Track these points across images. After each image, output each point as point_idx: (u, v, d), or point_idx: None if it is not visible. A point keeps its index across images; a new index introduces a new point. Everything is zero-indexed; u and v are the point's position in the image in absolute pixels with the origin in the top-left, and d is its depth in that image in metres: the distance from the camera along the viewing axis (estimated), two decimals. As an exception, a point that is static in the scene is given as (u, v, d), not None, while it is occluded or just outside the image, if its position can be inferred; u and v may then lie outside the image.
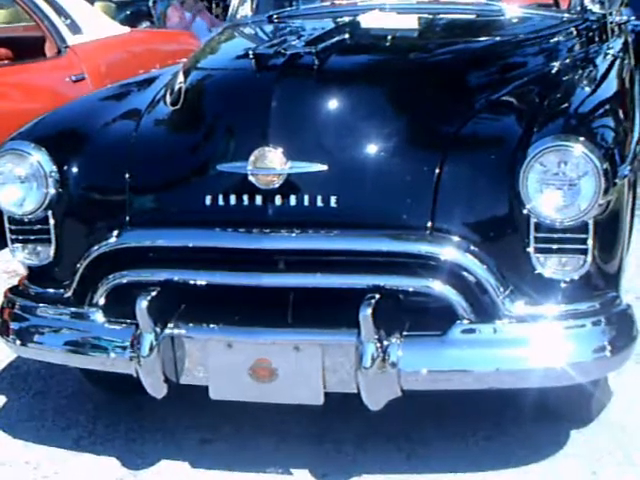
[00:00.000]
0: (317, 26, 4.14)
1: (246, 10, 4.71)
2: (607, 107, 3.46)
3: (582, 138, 2.92)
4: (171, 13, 9.92)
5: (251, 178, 3.07)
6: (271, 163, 3.05)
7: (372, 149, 3.13)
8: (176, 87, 3.62)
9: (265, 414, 3.53)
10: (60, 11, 6.64)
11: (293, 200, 3.06)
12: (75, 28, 6.67)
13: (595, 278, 3.06)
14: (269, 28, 4.37)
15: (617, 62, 4.19)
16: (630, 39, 5.59)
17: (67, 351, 3.37)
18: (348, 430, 3.54)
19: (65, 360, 3.47)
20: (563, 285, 3.02)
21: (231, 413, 3.52)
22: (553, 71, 3.79)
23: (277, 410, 3.40)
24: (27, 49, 6.77)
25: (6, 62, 6.79)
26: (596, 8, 4.36)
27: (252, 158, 3.05)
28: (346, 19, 4.09)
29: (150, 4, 10.97)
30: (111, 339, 3.26)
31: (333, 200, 3.05)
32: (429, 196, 3.02)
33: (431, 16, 4.31)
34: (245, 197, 3.09)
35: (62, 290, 3.38)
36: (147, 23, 12.15)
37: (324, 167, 3.07)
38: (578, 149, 2.88)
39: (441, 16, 4.30)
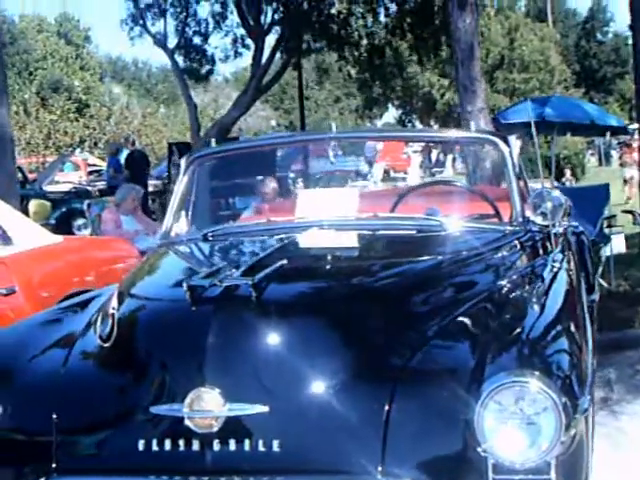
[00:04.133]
0: (254, 247, 4.04)
1: (181, 226, 4.59)
2: (559, 328, 3.36)
3: (537, 372, 2.78)
4: (106, 217, 9.79)
5: (187, 422, 2.88)
6: (208, 405, 2.87)
7: (316, 387, 2.96)
8: (108, 316, 3.47)
9: None
10: (-9, 222, 6.49)
11: (233, 445, 2.87)
12: (5, 239, 6.50)
13: None
14: (205, 248, 4.24)
15: (563, 274, 4.12)
16: (572, 240, 5.64)
17: None
18: None
19: None
20: None
21: None
22: (500, 290, 3.70)
23: None
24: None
25: None
26: (539, 220, 4.27)
27: (188, 400, 2.88)
28: (285, 239, 3.97)
29: (84, 207, 10.88)
30: None
31: (276, 444, 2.86)
32: (378, 436, 2.83)
33: (371, 233, 4.22)
34: (181, 442, 2.89)
35: None
36: (83, 220, 12.10)
37: (265, 408, 2.89)
38: (534, 385, 2.74)
39: (381, 232, 4.21)
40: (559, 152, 31.75)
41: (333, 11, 19.66)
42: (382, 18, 22.23)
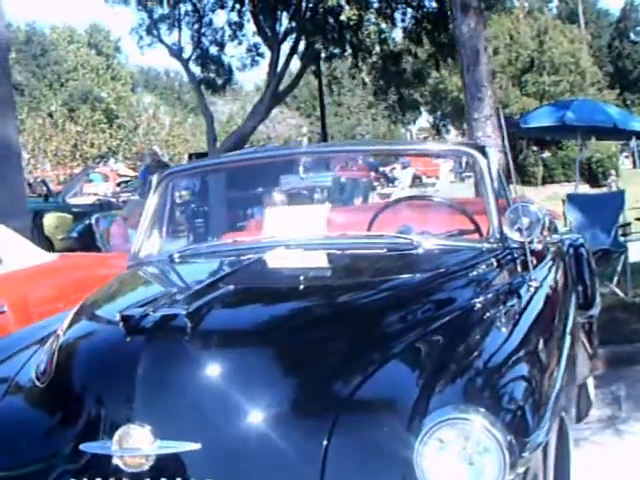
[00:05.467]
0: (213, 270, 3.90)
1: (152, 245, 4.46)
2: (523, 352, 3.18)
3: (483, 409, 2.60)
4: (114, 231, 9.73)
5: (116, 460, 2.74)
6: (137, 443, 2.73)
7: (252, 422, 2.80)
8: (49, 346, 3.34)
9: None
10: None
11: None
12: (-5, 260, 6.43)
13: None
14: (167, 271, 4.11)
15: (542, 292, 3.94)
16: (567, 254, 5.43)
17: None
18: None
19: None
20: None
21: None
22: (467, 313, 3.52)
23: None
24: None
25: None
26: (516, 236, 4.04)
27: (116, 437, 2.74)
28: (245, 260, 3.84)
29: (92, 222, 10.81)
30: None
31: None
32: (316, 475, 2.66)
33: (338, 252, 4.06)
34: None
35: None
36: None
37: (197, 446, 2.73)
38: (478, 422, 2.56)
39: (349, 252, 4.06)
40: (591, 155, 31.44)
41: (343, 17, 19.44)
42: (397, 23, 22.11)
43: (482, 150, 4.38)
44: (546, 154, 34.41)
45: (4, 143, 10.44)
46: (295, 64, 23.43)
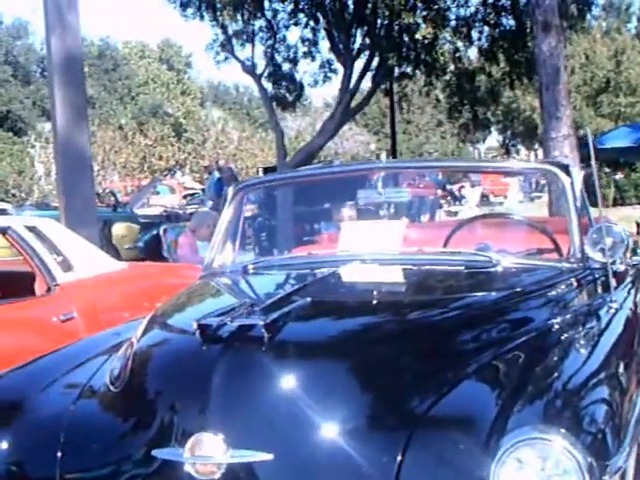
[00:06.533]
0: (289, 281, 3.87)
1: (226, 257, 4.45)
2: (603, 375, 3.09)
3: (564, 430, 2.53)
4: (182, 241, 9.77)
5: (188, 467, 2.73)
6: (210, 451, 2.71)
7: (326, 434, 2.77)
8: (122, 352, 3.34)
9: None
10: (52, 248, 6.46)
11: None
12: (66, 265, 6.47)
13: None
14: (241, 282, 4.10)
15: (622, 315, 3.83)
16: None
17: None
18: None
19: None
20: None
21: None
22: (546, 333, 3.44)
23: None
24: (16, 286, 6.55)
25: (-5, 301, 6.55)
26: (598, 256, 3.94)
27: (189, 445, 2.72)
28: (320, 274, 3.80)
29: (160, 232, 10.88)
30: None
31: None
32: None
33: (414, 268, 3.99)
34: None
35: None
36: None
37: (269, 456, 2.71)
38: (558, 443, 2.49)
39: (425, 268, 3.99)
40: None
41: (419, 36, 19.34)
42: (473, 42, 21.94)
43: (566, 169, 4.29)
44: (618, 176, 33.88)
45: (78, 153, 10.57)
46: (366, 82, 23.45)
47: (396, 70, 21.96)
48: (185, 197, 29.55)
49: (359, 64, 22.23)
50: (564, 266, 3.99)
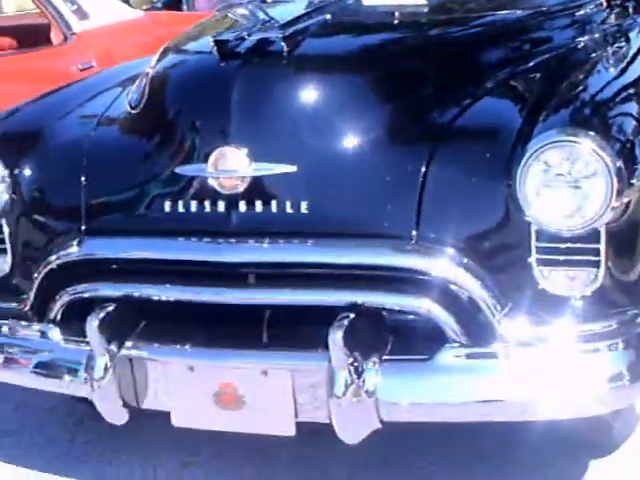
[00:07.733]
0: (308, 6, 3.74)
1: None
2: (632, 91, 2.99)
3: (592, 132, 2.48)
4: (201, -5, 9.57)
5: (212, 182, 2.72)
6: (233, 165, 2.69)
7: (349, 145, 2.73)
8: (139, 80, 3.28)
9: (250, 436, 3.17)
10: (66, -5, 6.33)
11: (259, 206, 2.70)
12: (82, 14, 6.35)
13: (610, 294, 2.59)
14: (258, 11, 3.96)
15: None
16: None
17: (21, 372, 3.09)
18: (340, 455, 3.14)
19: (20, 381, 3.17)
20: (572, 302, 2.57)
21: (214, 435, 3.15)
22: (575, 48, 3.35)
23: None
24: (33, 37, 6.46)
25: (10, 51, 6.48)
26: None
27: (212, 159, 2.70)
28: None
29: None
30: (66, 359, 2.97)
31: (304, 206, 2.67)
32: (414, 199, 2.61)
33: None
34: (207, 203, 2.74)
35: (20, 304, 3.08)
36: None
37: (293, 168, 2.69)
38: (586, 145, 2.44)
39: None
40: None
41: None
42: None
43: None
44: None
45: None
46: None
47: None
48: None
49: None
50: None
